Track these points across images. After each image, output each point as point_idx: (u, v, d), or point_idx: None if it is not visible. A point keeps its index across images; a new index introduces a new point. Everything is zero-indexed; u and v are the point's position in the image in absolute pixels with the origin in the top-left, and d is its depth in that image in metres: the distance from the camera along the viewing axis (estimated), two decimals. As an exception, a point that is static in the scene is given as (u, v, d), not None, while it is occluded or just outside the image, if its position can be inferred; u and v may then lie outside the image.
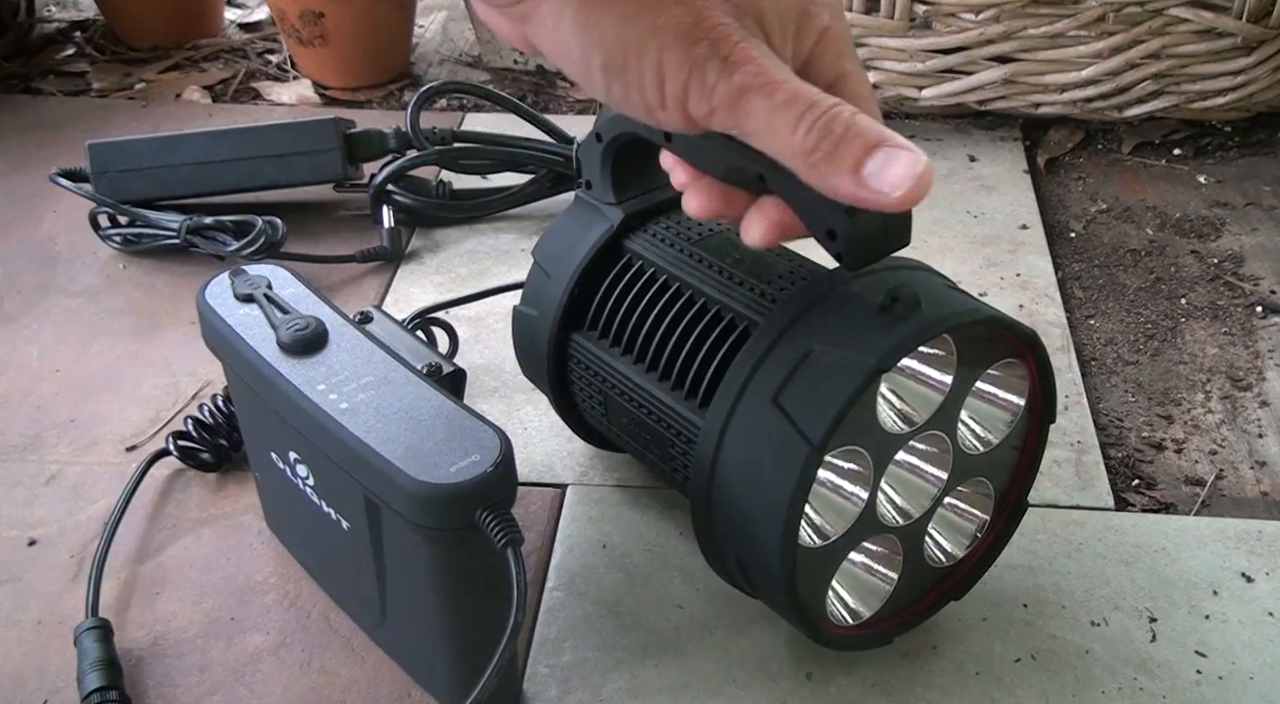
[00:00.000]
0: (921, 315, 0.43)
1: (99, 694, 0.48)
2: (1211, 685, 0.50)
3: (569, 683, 0.50)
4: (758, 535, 0.44)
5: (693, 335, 0.49)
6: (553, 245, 0.54)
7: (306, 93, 0.99)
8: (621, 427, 0.54)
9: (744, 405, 0.44)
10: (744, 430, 0.44)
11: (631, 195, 0.53)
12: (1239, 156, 0.89)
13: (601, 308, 0.53)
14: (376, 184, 0.77)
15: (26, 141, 0.91)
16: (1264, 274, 0.76)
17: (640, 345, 0.51)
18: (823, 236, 0.41)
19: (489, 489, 0.41)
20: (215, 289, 0.50)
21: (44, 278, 0.76)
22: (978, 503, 0.51)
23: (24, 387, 0.67)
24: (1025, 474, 0.51)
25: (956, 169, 0.87)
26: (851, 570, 0.49)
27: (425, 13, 1.12)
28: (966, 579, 0.52)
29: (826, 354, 0.43)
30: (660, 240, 0.52)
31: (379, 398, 0.44)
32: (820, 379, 0.43)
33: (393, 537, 0.45)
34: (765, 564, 0.45)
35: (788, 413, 0.43)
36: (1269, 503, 0.60)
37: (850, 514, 0.46)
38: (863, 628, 0.50)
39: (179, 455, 0.60)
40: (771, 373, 0.44)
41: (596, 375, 0.53)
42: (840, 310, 0.44)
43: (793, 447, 0.42)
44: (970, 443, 0.49)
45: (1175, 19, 0.82)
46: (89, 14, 1.12)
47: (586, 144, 0.52)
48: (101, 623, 0.51)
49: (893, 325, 0.43)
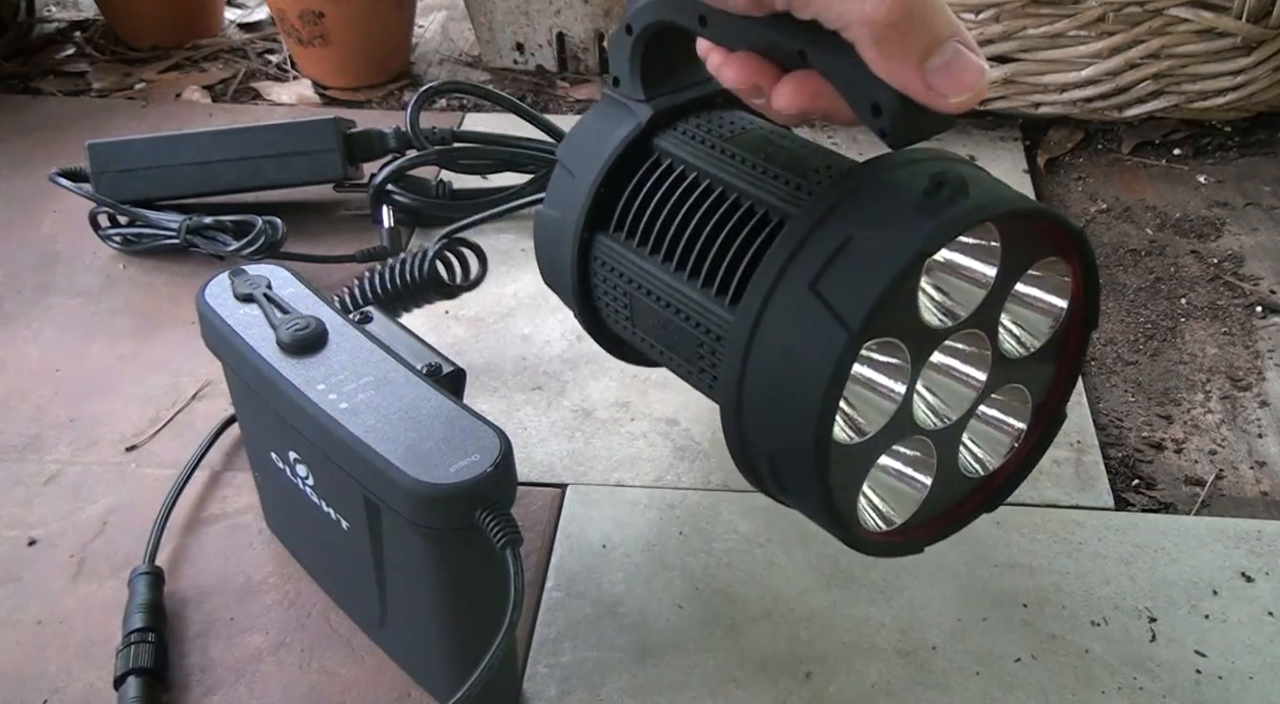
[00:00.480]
0: (968, 200, 0.41)
1: (139, 634, 0.50)
2: (1211, 685, 0.50)
3: (569, 683, 0.50)
4: (791, 427, 0.42)
5: (724, 230, 0.47)
6: (578, 144, 0.52)
7: (306, 93, 0.99)
8: (646, 329, 0.52)
9: (779, 294, 0.42)
10: (779, 319, 0.42)
11: (661, 92, 0.51)
12: (1239, 156, 0.89)
13: (628, 207, 0.51)
14: (376, 184, 0.77)
15: (26, 141, 0.91)
16: (1264, 274, 0.76)
17: (669, 243, 0.49)
18: (866, 112, 0.40)
19: (489, 489, 0.41)
20: (215, 289, 0.50)
21: (44, 278, 0.76)
22: (1015, 411, 0.49)
23: (24, 387, 0.67)
24: (1064, 383, 0.49)
25: (956, 169, 0.87)
26: (883, 475, 0.47)
27: (425, 13, 1.12)
28: (1000, 491, 0.50)
29: (867, 239, 0.41)
30: (690, 138, 0.50)
31: (379, 398, 0.44)
32: (861, 264, 0.41)
33: (392, 537, 0.45)
34: (798, 458, 0.43)
35: (825, 299, 0.41)
36: (1269, 503, 0.60)
37: (886, 410, 0.45)
38: (893, 535, 0.48)
39: None
40: (809, 260, 0.42)
41: (622, 276, 0.51)
42: (882, 196, 0.42)
43: (830, 333, 0.40)
44: (1010, 346, 0.47)
45: (1175, 19, 0.82)
46: (89, 14, 1.12)
47: (615, 38, 0.50)
48: (155, 570, 0.54)
49: (938, 209, 0.41)
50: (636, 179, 0.51)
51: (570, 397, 0.65)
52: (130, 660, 0.49)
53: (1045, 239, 0.45)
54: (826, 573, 0.55)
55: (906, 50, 0.35)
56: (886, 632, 0.53)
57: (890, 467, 0.48)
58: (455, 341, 0.70)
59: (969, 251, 0.44)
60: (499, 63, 1.03)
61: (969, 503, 0.50)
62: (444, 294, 0.65)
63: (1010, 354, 0.47)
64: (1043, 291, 0.47)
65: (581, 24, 0.99)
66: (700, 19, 0.44)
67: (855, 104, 0.40)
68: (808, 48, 0.40)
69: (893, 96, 0.39)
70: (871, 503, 0.48)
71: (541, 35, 1.00)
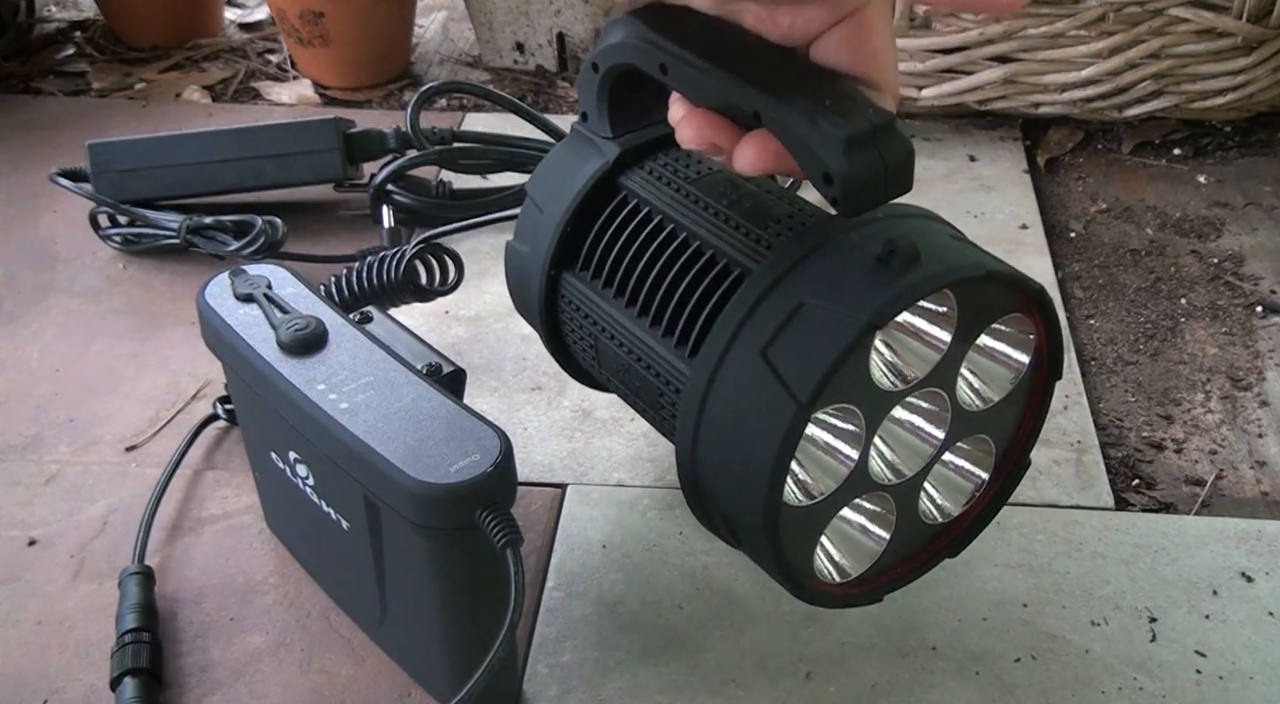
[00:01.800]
0: (920, 269, 0.41)
1: (133, 635, 0.50)
2: (1211, 685, 0.50)
3: (569, 683, 0.50)
4: (742, 493, 0.43)
5: (685, 280, 0.47)
6: (547, 179, 0.52)
7: (306, 93, 0.99)
8: (612, 371, 0.52)
9: (732, 357, 0.42)
10: (731, 384, 0.42)
11: (629, 130, 0.51)
12: (1239, 156, 0.89)
13: (594, 247, 0.51)
14: (376, 184, 0.77)
15: (26, 141, 0.91)
16: (1264, 274, 0.76)
17: (632, 288, 0.49)
18: (819, 180, 0.39)
19: (489, 489, 0.41)
20: (215, 289, 0.50)
21: (44, 278, 0.76)
22: (978, 460, 0.49)
23: (24, 387, 0.67)
24: (1029, 431, 0.49)
25: (956, 169, 0.87)
26: (842, 528, 0.47)
27: (425, 13, 1.12)
28: (963, 536, 0.50)
29: (818, 308, 0.41)
30: (656, 178, 0.50)
31: (379, 398, 0.44)
32: (811, 334, 0.41)
33: (393, 536, 0.45)
34: (749, 522, 0.43)
35: (776, 368, 0.41)
36: (1269, 503, 0.60)
37: (839, 473, 0.45)
38: (851, 586, 0.48)
39: (226, 418, 0.63)
40: (761, 325, 0.42)
41: (587, 317, 0.51)
42: (836, 261, 0.42)
43: (780, 404, 0.40)
44: (971, 400, 0.47)
45: (1175, 19, 0.82)
46: (89, 14, 1.12)
47: (583, 74, 0.50)
48: (145, 570, 0.53)
49: (889, 279, 0.40)
50: (603, 219, 0.51)
51: (570, 397, 0.65)
52: (126, 661, 0.49)
53: (1006, 296, 0.45)
54: (826, 573, 0.55)
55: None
56: (886, 632, 0.53)
57: (848, 520, 0.47)
58: (455, 342, 0.70)
59: (924, 315, 0.44)
60: (499, 63, 1.03)
61: (930, 549, 0.50)
62: (418, 296, 0.65)
63: (971, 407, 0.47)
64: (1005, 346, 0.47)
65: (581, 24, 0.99)
66: (661, 67, 0.43)
67: (808, 171, 0.39)
68: (764, 109, 0.39)
69: (841, 164, 0.38)
70: (829, 555, 0.47)
71: (541, 35, 1.00)
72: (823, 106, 0.38)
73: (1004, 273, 0.43)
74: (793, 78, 0.40)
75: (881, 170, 0.39)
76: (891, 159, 0.39)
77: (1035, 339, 0.47)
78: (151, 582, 0.54)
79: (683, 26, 0.43)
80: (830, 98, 0.39)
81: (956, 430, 0.47)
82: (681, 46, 0.42)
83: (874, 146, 0.39)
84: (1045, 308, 0.45)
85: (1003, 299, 0.45)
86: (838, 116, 0.38)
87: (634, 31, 0.44)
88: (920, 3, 0.35)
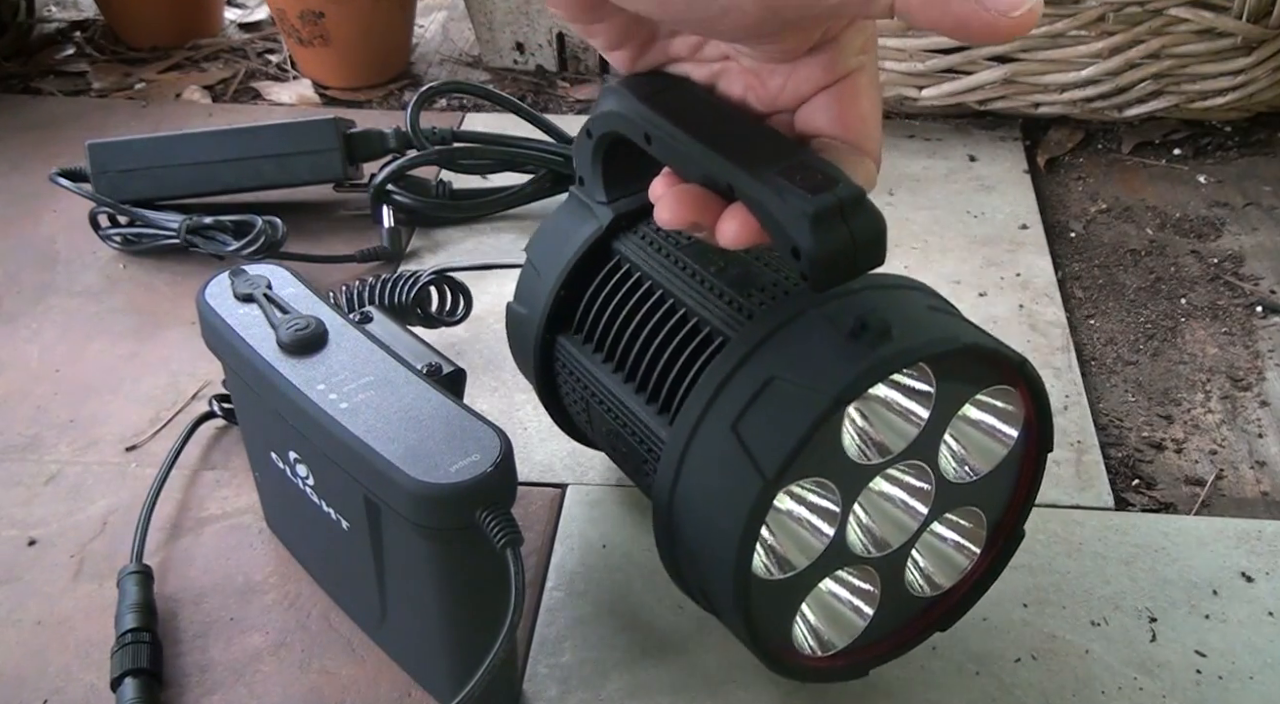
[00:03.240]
0: (890, 344, 0.40)
1: (133, 634, 0.50)
2: (1211, 685, 0.50)
3: (569, 683, 0.50)
4: (712, 565, 0.43)
5: (669, 347, 0.47)
6: (544, 242, 0.53)
7: (306, 93, 0.99)
8: (602, 435, 0.53)
9: (704, 430, 0.43)
10: (702, 456, 0.42)
11: (622, 195, 0.52)
12: (1239, 156, 0.89)
13: (587, 311, 0.51)
14: (376, 184, 0.77)
15: (26, 141, 0.91)
16: (1264, 274, 0.76)
17: (620, 353, 0.50)
18: (788, 255, 0.39)
19: (489, 489, 0.41)
20: (215, 289, 0.50)
21: (44, 278, 0.76)
22: (967, 533, 0.48)
23: (24, 387, 0.67)
24: (1021, 504, 0.48)
25: (956, 169, 0.87)
26: (824, 600, 0.46)
27: (425, 13, 1.12)
28: (954, 609, 0.50)
29: (787, 383, 0.41)
30: (649, 243, 0.51)
31: (379, 398, 0.44)
32: (779, 409, 0.41)
33: (393, 536, 0.45)
34: (720, 592, 0.43)
35: (744, 443, 0.41)
36: (1269, 503, 0.60)
37: (814, 548, 0.44)
38: (835, 659, 0.47)
39: (224, 416, 0.63)
40: (733, 398, 0.42)
41: (579, 381, 0.52)
42: (807, 335, 0.42)
43: (747, 478, 0.40)
44: (957, 471, 0.46)
45: (1175, 19, 0.82)
46: (89, 14, 1.12)
47: (579, 141, 0.51)
48: (143, 569, 0.54)
49: (859, 354, 0.40)
50: (596, 283, 0.51)
51: (570, 397, 0.65)
52: (126, 661, 0.49)
53: (988, 368, 0.44)
54: (826, 573, 0.55)
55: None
56: (886, 632, 0.53)
57: (830, 592, 0.47)
58: (455, 342, 0.70)
59: (900, 389, 0.44)
60: (499, 63, 1.03)
61: (920, 622, 0.50)
62: (424, 322, 0.66)
63: (957, 480, 0.46)
64: (991, 418, 0.46)
65: (581, 24, 0.99)
66: (645, 137, 0.44)
67: (778, 245, 0.39)
68: (736, 183, 0.39)
69: (809, 240, 0.38)
70: (811, 627, 0.47)
71: (541, 35, 1.00)
72: (793, 181, 0.38)
73: (982, 345, 0.43)
74: (768, 149, 0.40)
75: (850, 245, 0.38)
76: (861, 234, 0.38)
77: (1024, 411, 0.46)
78: (150, 581, 0.54)
79: (670, 96, 0.43)
80: (801, 172, 0.39)
81: (943, 502, 0.46)
82: (664, 117, 0.42)
83: (843, 222, 0.38)
84: (1029, 378, 0.44)
85: (984, 371, 0.44)
86: (806, 191, 0.38)
87: (623, 100, 0.45)
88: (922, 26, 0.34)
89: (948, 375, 0.43)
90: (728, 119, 0.42)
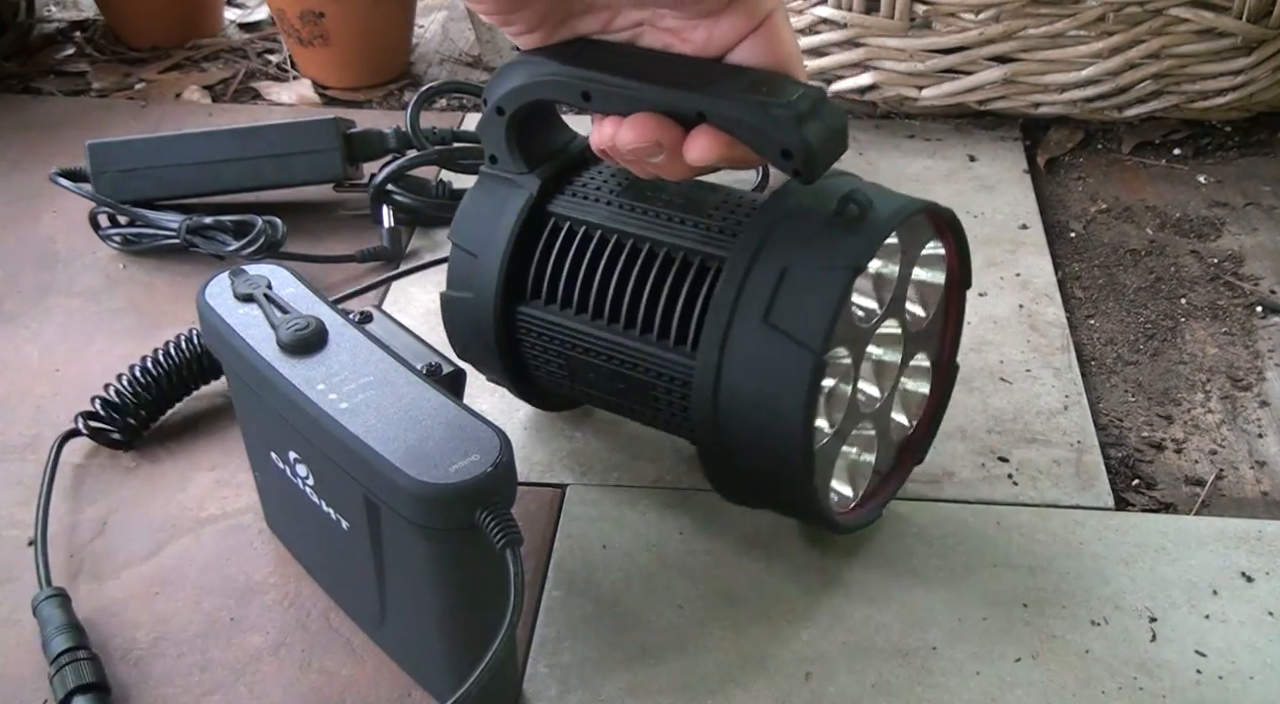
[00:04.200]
0: (876, 213, 0.46)
1: (69, 654, 0.49)
2: (1211, 685, 0.50)
3: (569, 683, 0.50)
4: (776, 449, 0.47)
5: (654, 281, 0.50)
6: (471, 225, 0.54)
7: (306, 93, 0.99)
8: (589, 383, 0.54)
9: (736, 333, 0.46)
10: (742, 356, 0.46)
11: (541, 161, 0.54)
12: (1239, 156, 0.89)
13: (541, 276, 0.53)
14: (376, 184, 0.77)
15: (26, 141, 0.91)
16: (1264, 274, 0.76)
17: (603, 302, 0.51)
18: (777, 158, 0.43)
19: (489, 489, 0.41)
20: (215, 289, 0.50)
21: (44, 278, 0.76)
22: (921, 374, 0.57)
23: (24, 387, 0.67)
24: (953, 338, 0.57)
25: (956, 169, 0.87)
26: (846, 458, 0.54)
27: (425, 13, 1.12)
28: (922, 444, 0.58)
29: (802, 267, 0.46)
30: (583, 199, 0.53)
31: (379, 398, 0.44)
32: (804, 291, 0.45)
33: (392, 536, 0.45)
34: (788, 476, 0.47)
35: (783, 329, 0.45)
36: (1269, 503, 0.60)
37: (842, 407, 0.50)
38: (855, 510, 0.54)
39: (89, 434, 0.62)
40: (755, 297, 0.46)
41: (554, 340, 0.53)
42: (801, 225, 0.47)
43: (796, 358, 0.45)
44: (913, 319, 0.54)
45: (1175, 19, 0.82)
46: (89, 14, 1.12)
47: (487, 120, 0.52)
48: (59, 591, 0.53)
49: (855, 226, 0.46)
50: (541, 248, 0.53)
51: (570, 397, 0.65)
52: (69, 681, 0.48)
53: (929, 225, 0.52)
54: (827, 573, 0.55)
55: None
56: (886, 632, 0.53)
57: (847, 450, 0.54)
58: (455, 341, 0.70)
59: (879, 253, 0.49)
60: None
61: (902, 462, 0.57)
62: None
63: (914, 328, 0.54)
64: (929, 270, 0.54)
65: (581, 24, 0.99)
66: (583, 94, 0.46)
67: (765, 152, 0.44)
68: (708, 107, 0.43)
69: (799, 140, 0.42)
70: (833, 488, 0.54)
71: (541, 35, 1.00)
72: (760, 93, 0.43)
73: (936, 206, 0.50)
74: (719, 74, 0.44)
75: (830, 135, 0.44)
76: (835, 125, 0.44)
77: (948, 257, 0.53)
78: (68, 601, 0.53)
79: (593, 55, 0.47)
80: (765, 85, 0.43)
81: (908, 352, 0.54)
82: (602, 71, 0.46)
83: (818, 118, 0.43)
84: (955, 228, 0.52)
85: (926, 228, 0.52)
86: (779, 100, 0.43)
87: (542, 69, 0.47)
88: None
89: (906, 236, 0.50)
90: (665, 61, 0.46)
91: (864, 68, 0.87)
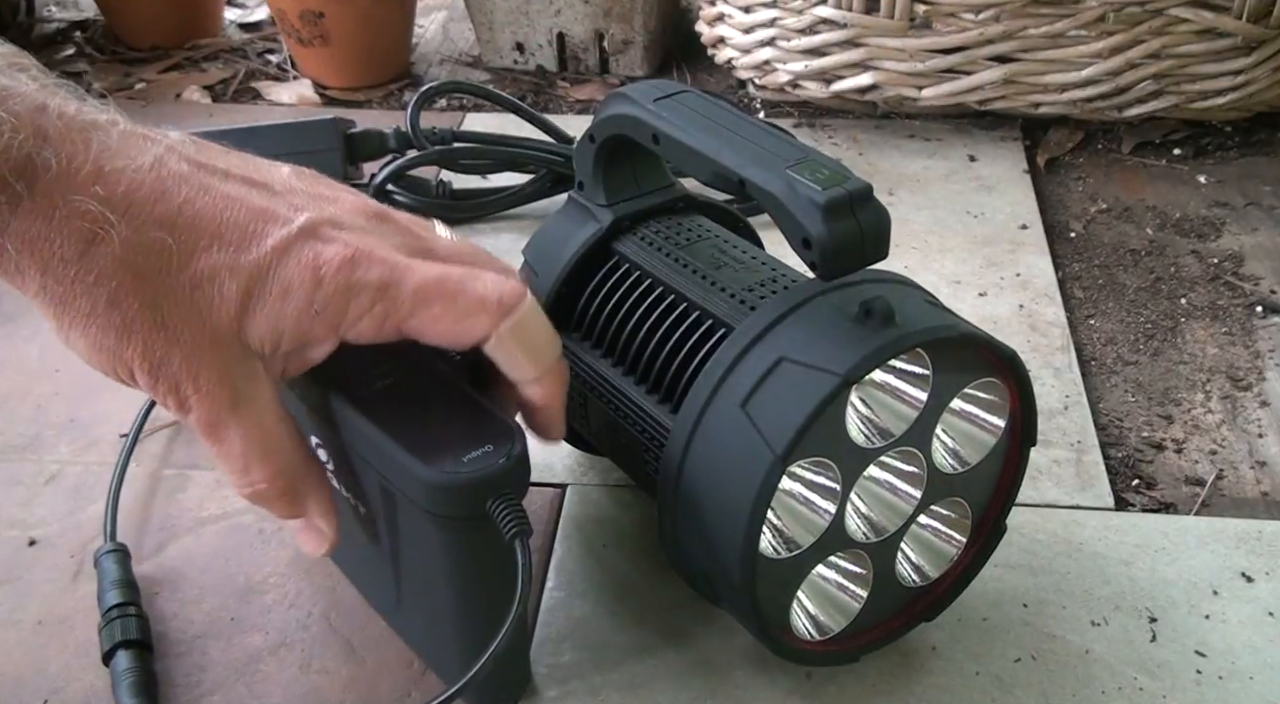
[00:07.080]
0: (895, 328, 0.42)
1: (119, 609, 0.51)
2: (1211, 685, 0.50)
3: (569, 683, 0.50)
4: (719, 542, 0.44)
5: (672, 338, 0.49)
6: (543, 244, 0.54)
7: (306, 93, 0.99)
8: (599, 429, 0.53)
9: (712, 410, 0.44)
10: (711, 435, 0.44)
11: (623, 198, 0.53)
12: (1239, 156, 0.89)
13: (586, 309, 0.52)
14: (376, 184, 0.77)
15: (26, 141, 0.91)
16: (1264, 274, 0.76)
17: (620, 347, 0.51)
18: (798, 245, 0.42)
19: (500, 480, 0.41)
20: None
21: (44, 278, 0.76)
22: (954, 523, 0.50)
23: (24, 387, 0.67)
24: (1005, 496, 0.50)
25: (956, 169, 0.87)
26: (819, 585, 0.48)
27: (425, 13, 1.12)
28: (941, 600, 0.51)
29: (796, 364, 0.43)
30: (649, 244, 0.52)
31: (396, 387, 0.44)
32: (788, 389, 0.42)
33: (407, 524, 0.45)
34: (726, 571, 0.44)
35: (754, 420, 0.42)
36: (1269, 503, 0.60)
37: (817, 527, 0.45)
38: (829, 644, 0.49)
39: None
40: (742, 379, 0.43)
41: (577, 376, 0.52)
42: (814, 320, 0.44)
43: (757, 454, 0.42)
44: (947, 462, 0.47)
45: (1175, 19, 0.82)
46: (89, 14, 1.12)
47: (581, 145, 0.52)
48: (120, 547, 0.54)
49: (865, 337, 0.42)
50: (595, 282, 0.53)
51: (570, 396, 0.65)
52: (116, 635, 0.50)
53: (979, 361, 0.46)
54: (826, 573, 0.55)
55: None
56: (887, 632, 0.53)
57: (825, 577, 0.48)
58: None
59: (899, 375, 0.45)
60: (499, 63, 1.03)
61: (909, 612, 0.51)
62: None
63: (947, 469, 0.48)
64: (979, 410, 0.47)
65: (581, 24, 0.99)
66: (654, 137, 0.47)
67: (788, 235, 0.42)
68: (748, 177, 0.43)
69: (820, 230, 0.41)
70: (806, 611, 0.48)
71: (541, 35, 1.00)
72: (802, 175, 0.42)
73: (977, 336, 0.44)
74: (776, 148, 0.44)
75: (858, 235, 0.41)
76: (869, 226, 0.41)
77: (1010, 404, 0.47)
78: (128, 557, 0.55)
79: (675, 101, 0.47)
80: (810, 168, 0.42)
81: (932, 492, 0.48)
82: (673, 118, 0.46)
83: (851, 213, 0.41)
84: (1018, 372, 0.46)
85: (976, 363, 0.46)
86: (816, 185, 0.41)
87: (630, 104, 0.48)
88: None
89: (943, 364, 0.44)
90: (733, 121, 0.45)
91: (864, 68, 0.87)
